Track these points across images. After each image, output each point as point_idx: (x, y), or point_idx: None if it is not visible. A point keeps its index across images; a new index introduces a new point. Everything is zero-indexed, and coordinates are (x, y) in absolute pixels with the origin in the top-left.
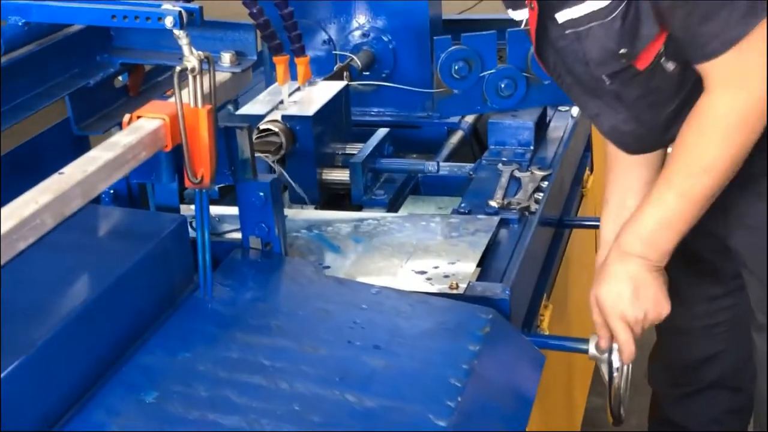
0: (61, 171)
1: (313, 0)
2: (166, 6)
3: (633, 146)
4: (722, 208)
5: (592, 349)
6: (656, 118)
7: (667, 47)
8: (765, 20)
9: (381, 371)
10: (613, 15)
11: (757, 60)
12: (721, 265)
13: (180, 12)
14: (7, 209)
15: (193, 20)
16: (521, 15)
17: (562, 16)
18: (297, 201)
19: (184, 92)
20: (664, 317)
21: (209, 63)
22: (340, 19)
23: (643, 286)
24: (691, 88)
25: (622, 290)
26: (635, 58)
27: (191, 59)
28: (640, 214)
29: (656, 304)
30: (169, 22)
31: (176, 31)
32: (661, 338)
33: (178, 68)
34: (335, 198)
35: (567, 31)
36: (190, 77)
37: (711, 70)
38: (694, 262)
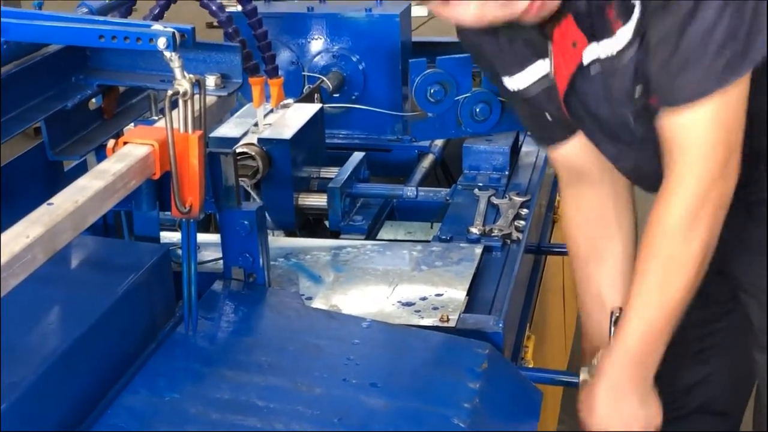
0: (49, 202)
1: (279, 18)
2: (157, 27)
3: (653, 185)
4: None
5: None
6: None
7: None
8: (738, 81)
9: (380, 411)
10: (628, 54)
11: (723, 126)
12: (713, 290)
13: (173, 33)
14: None
15: (184, 41)
16: (527, 78)
17: (589, 55)
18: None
19: (173, 117)
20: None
21: (200, 87)
22: (309, 39)
23: (633, 419)
24: None
25: (613, 425)
26: (652, 98)
27: (183, 83)
28: (622, 330)
29: (648, 425)
30: (162, 43)
31: (167, 53)
32: None
33: (169, 92)
34: (307, 223)
35: (593, 72)
36: (181, 101)
37: (672, 127)
38: None
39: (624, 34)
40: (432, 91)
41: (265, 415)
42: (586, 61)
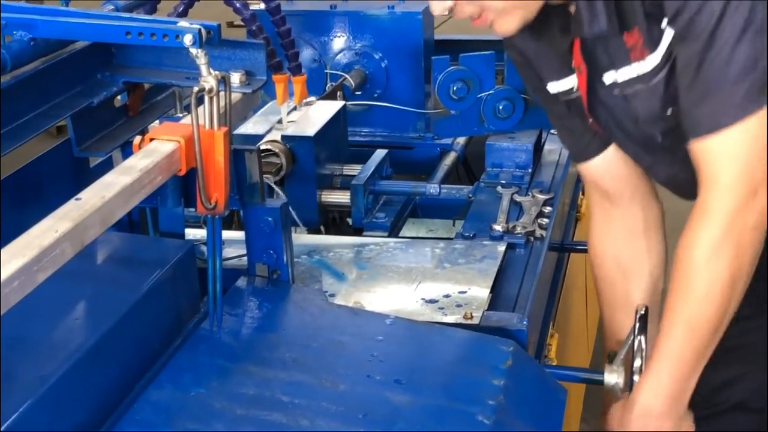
0: (77, 197)
1: (302, 16)
2: (183, 23)
3: (690, 192)
4: None
5: (607, 380)
6: None
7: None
8: (760, 111)
9: (405, 408)
10: (657, 79)
11: (747, 155)
12: (752, 287)
13: (200, 30)
14: (25, 238)
15: (210, 38)
16: (567, 83)
17: (608, 78)
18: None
19: (199, 113)
20: None
21: (225, 83)
22: (331, 37)
23: None
24: None
25: None
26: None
27: (209, 79)
28: (654, 362)
29: None
30: (188, 40)
31: (193, 50)
32: None
33: (195, 88)
34: (330, 220)
35: (614, 92)
36: (207, 98)
37: (699, 156)
38: None
39: (652, 59)
40: (455, 88)
41: (290, 411)
42: (607, 82)
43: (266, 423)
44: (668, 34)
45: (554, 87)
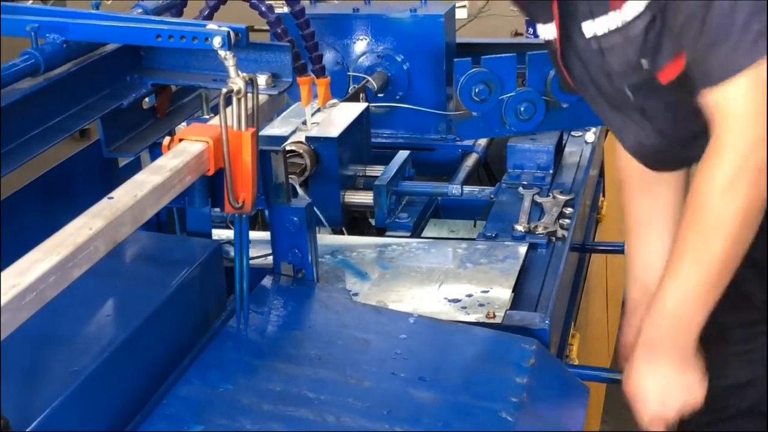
0: (110, 196)
1: (325, 20)
2: (211, 26)
3: (656, 162)
4: (763, 230)
5: None
6: (680, 132)
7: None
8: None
9: (429, 405)
10: (636, 30)
11: (759, 97)
12: (760, 291)
13: (228, 32)
14: (59, 236)
15: (238, 41)
16: (551, 31)
17: (587, 30)
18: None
19: (227, 114)
20: (699, 405)
21: (253, 85)
22: (354, 40)
23: (673, 388)
24: None
25: (652, 395)
26: (657, 72)
27: (237, 81)
28: (660, 294)
29: (686, 400)
30: (217, 42)
31: (222, 52)
32: None
33: (224, 90)
34: (353, 221)
35: (592, 45)
36: (235, 99)
37: (715, 102)
38: (731, 287)
39: (633, 7)
40: (477, 90)
41: (316, 407)
42: (587, 35)
43: (293, 419)
44: None
45: (542, 31)
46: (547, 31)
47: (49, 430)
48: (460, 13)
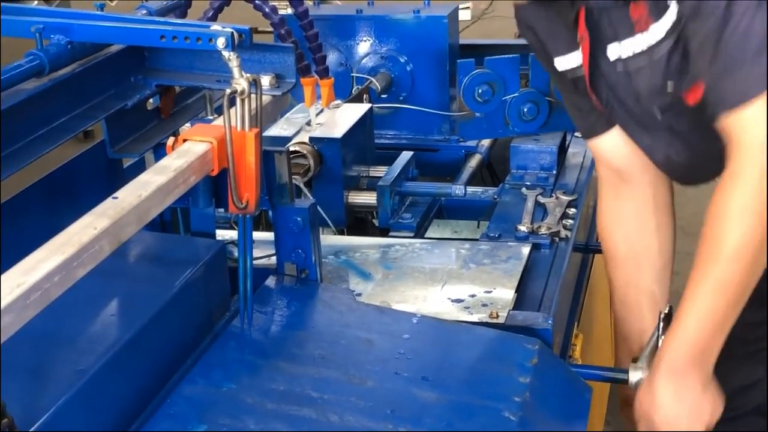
0: (114, 195)
1: (328, 21)
2: (215, 27)
3: (686, 176)
4: None
5: (632, 379)
6: (709, 148)
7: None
8: None
9: (432, 404)
10: (660, 53)
11: None
12: (763, 292)
13: (232, 33)
14: (64, 236)
15: (242, 42)
16: (573, 60)
17: (612, 53)
18: (321, 225)
19: (231, 115)
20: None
21: (257, 86)
22: (357, 41)
23: (699, 406)
24: None
25: (680, 417)
26: (683, 93)
27: (241, 82)
28: (680, 322)
29: (710, 418)
30: (221, 43)
31: (226, 53)
32: None
33: (228, 90)
34: (357, 222)
35: (618, 68)
36: (239, 100)
37: (730, 127)
38: None
39: (658, 30)
40: (480, 91)
41: (319, 406)
42: (612, 57)
43: (296, 418)
44: (673, 8)
45: (561, 63)
46: (568, 61)
47: (54, 428)
48: (464, 15)
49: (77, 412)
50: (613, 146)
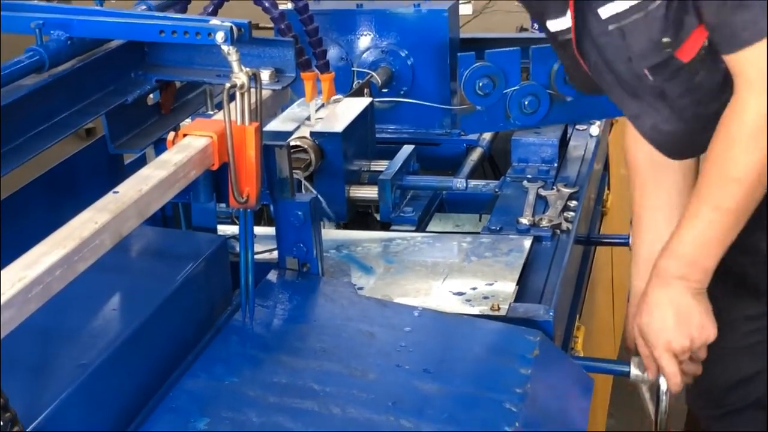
0: (115, 190)
1: (329, 15)
2: (214, 21)
3: (673, 148)
4: (762, 222)
5: (634, 372)
6: (699, 117)
7: (711, 40)
8: None
9: (434, 396)
10: (655, 4)
11: None
12: (763, 283)
13: (231, 27)
14: (65, 230)
15: (241, 35)
16: (563, 23)
17: (605, 12)
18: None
19: (231, 109)
20: (711, 341)
21: (256, 80)
22: (358, 36)
23: (686, 313)
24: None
25: (666, 319)
26: (679, 48)
27: (240, 76)
28: (677, 234)
29: (702, 329)
30: (220, 37)
31: (225, 47)
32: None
33: (227, 85)
34: (358, 216)
35: (610, 27)
36: (238, 94)
37: (740, 64)
38: (735, 280)
39: None
40: (481, 84)
41: (321, 399)
42: (604, 16)
43: (299, 411)
44: None
45: (552, 25)
46: (558, 24)
47: (56, 423)
48: (465, 9)
49: (79, 407)
50: None
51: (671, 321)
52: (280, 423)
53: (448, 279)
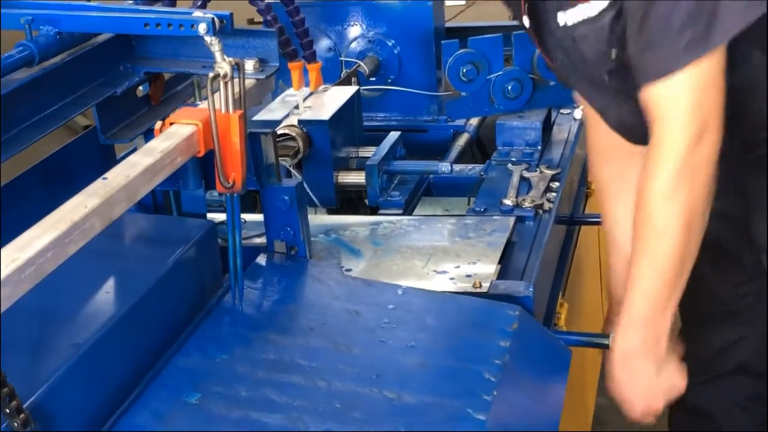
0: (104, 176)
1: (318, 7)
2: (197, 13)
3: (638, 137)
4: (742, 193)
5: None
6: None
7: None
8: (706, 56)
9: (416, 369)
10: (602, 22)
11: (694, 98)
12: (744, 252)
13: (213, 19)
14: (57, 214)
15: (223, 27)
16: (527, 23)
17: (560, 19)
18: (311, 205)
19: (215, 98)
20: (682, 393)
21: (239, 69)
22: (345, 26)
23: (654, 387)
24: None
25: (634, 398)
26: (626, 59)
27: (224, 65)
28: (628, 298)
29: (670, 393)
30: (202, 29)
31: (208, 38)
32: (685, 326)
33: (211, 74)
34: (348, 202)
35: (567, 33)
36: (222, 83)
37: (651, 99)
38: (718, 249)
39: (597, 3)
40: (464, 70)
41: (308, 373)
42: (560, 23)
43: (286, 384)
44: None
45: (525, 21)
46: (525, 22)
47: (52, 398)
48: (457, 0)
49: (75, 383)
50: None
51: (642, 399)
52: (268, 396)
53: (432, 259)
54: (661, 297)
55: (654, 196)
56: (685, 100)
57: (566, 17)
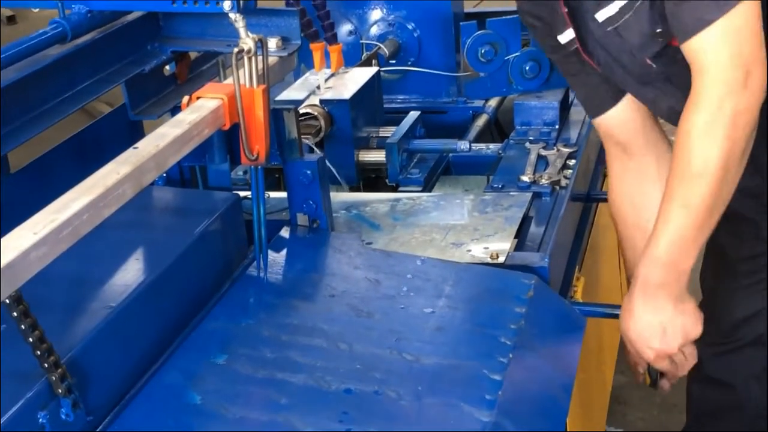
0: (135, 146)
1: None
2: None
3: None
4: (760, 168)
5: None
6: None
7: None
8: (741, 4)
9: (434, 333)
10: (638, 2)
11: (733, 45)
12: (763, 224)
13: None
14: (91, 179)
15: (247, 5)
16: (569, 34)
17: (601, 16)
18: (333, 183)
19: (239, 74)
20: (697, 338)
21: (263, 45)
22: (366, 10)
23: (670, 322)
24: None
25: (650, 330)
26: (671, 36)
27: (247, 41)
28: (653, 238)
29: (686, 334)
30: (227, 5)
31: (232, 15)
32: (704, 298)
33: (235, 49)
34: (369, 180)
35: (608, 29)
36: (246, 58)
37: (691, 53)
38: (736, 221)
39: None
40: (483, 51)
41: (330, 336)
42: (600, 20)
43: (309, 347)
44: None
45: (562, 38)
46: (565, 36)
47: (88, 356)
48: None
49: (109, 343)
50: (617, 121)
51: (657, 333)
52: (292, 358)
53: (451, 233)
54: (688, 238)
55: (691, 138)
56: (724, 47)
57: (606, 11)
